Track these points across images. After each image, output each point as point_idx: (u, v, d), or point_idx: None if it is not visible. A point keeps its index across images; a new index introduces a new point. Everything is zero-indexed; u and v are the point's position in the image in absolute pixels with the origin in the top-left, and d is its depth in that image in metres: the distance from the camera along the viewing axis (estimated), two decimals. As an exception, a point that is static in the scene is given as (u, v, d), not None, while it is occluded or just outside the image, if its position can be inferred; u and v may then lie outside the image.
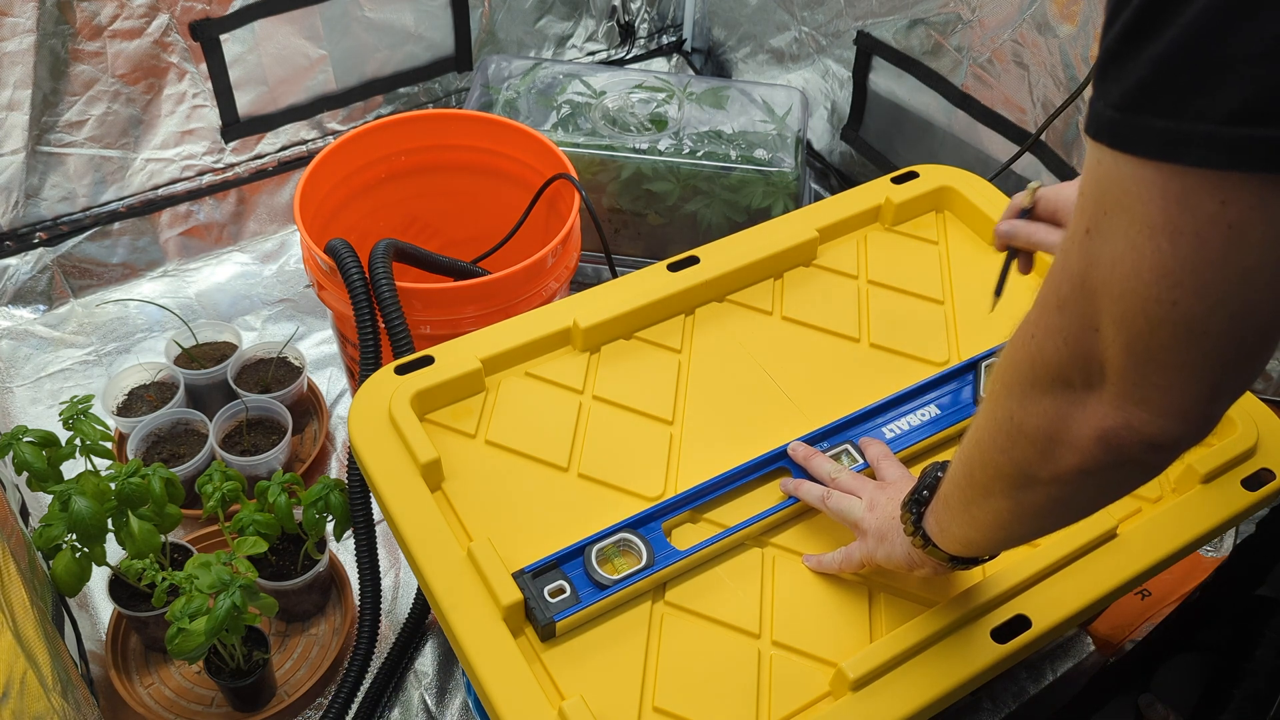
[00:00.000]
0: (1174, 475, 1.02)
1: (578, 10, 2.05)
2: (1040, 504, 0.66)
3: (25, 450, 1.15)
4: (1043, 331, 0.59)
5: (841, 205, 1.25)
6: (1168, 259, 0.49)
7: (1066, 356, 0.57)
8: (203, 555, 1.08)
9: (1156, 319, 0.51)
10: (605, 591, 0.89)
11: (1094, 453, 0.58)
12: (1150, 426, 0.55)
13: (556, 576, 0.89)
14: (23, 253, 1.66)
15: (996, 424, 0.65)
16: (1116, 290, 0.52)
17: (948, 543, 0.80)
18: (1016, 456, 0.64)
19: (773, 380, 1.09)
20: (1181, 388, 0.54)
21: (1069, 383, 0.58)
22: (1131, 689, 1.33)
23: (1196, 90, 0.46)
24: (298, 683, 1.25)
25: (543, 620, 0.86)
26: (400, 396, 0.99)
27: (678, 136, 1.65)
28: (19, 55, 1.49)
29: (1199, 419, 0.55)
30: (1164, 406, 0.54)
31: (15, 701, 0.86)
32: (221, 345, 1.55)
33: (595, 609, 0.88)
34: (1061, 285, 0.56)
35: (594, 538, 0.92)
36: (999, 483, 0.67)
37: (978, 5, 1.58)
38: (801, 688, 0.86)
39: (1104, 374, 0.56)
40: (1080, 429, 0.58)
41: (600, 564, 0.91)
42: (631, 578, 0.90)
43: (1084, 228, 0.54)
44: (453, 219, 1.61)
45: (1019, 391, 0.62)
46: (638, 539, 0.93)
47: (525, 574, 0.88)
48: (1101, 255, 0.53)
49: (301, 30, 1.70)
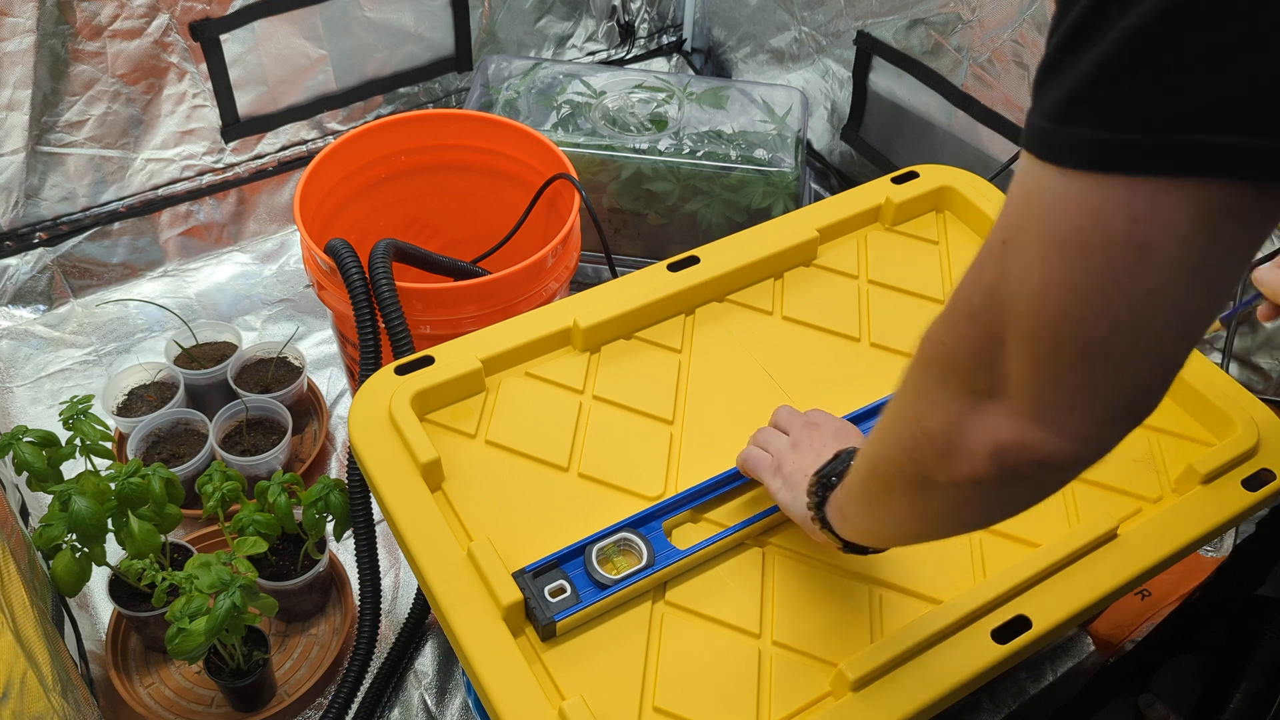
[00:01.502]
0: (1174, 475, 1.03)
1: (578, 10, 2.05)
2: (937, 507, 0.66)
3: (25, 450, 1.15)
4: (953, 338, 0.58)
5: (841, 205, 1.25)
6: (1076, 276, 0.49)
7: (973, 366, 0.57)
8: (203, 555, 1.08)
9: (1061, 336, 0.51)
10: (606, 591, 0.89)
11: (986, 465, 0.58)
12: (1044, 445, 0.55)
13: (557, 576, 0.89)
14: (23, 253, 1.66)
15: (902, 422, 0.65)
16: (1025, 305, 0.52)
17: (847, 531, 0.81)
18: (917, 457, 0.63)
19: (773, 380, 1.09)
20: (1080, 408, 0.53)
21: (974, 390, 0.57)
22: (1131, 689, 1.33)
23: (1127, 100, 0.46)
24: (298, 683, 1.25)
25: (543, 620, 0.86)
26: (400, 396, 0.99)
27: (678, 136, 1.65)
28: (19, 55, 1.49)
29: (1093, 442, 0.55)
30: (1060, 426, 0.54)
31: (15, 701, 0.86)
32: (221, 345, 1.55)
33: (596, 609, 0.88)
34: (974, 295, 0.56)
35: (594, 537, 0.92)
36: (900, 481, 0.67)
37: (978, 5, 1.58)
38: (802, 688, 0.86)
39: (1006, 387, 0.55)
40: (976, 439, 0.58)
41: (601, 564, 0.91)
42: (632, 577, 0.90)
43: (1001, 239, 0.53)
44: (453, 219, 1.61)
45: (925, 392, 0.61)
46: (638, 538, 0.93)
47: (526, 574, 0.88)
48: (1013, 268, 0.52)
49: (301, 30, 1.70)
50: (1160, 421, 1.08)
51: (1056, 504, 1.00)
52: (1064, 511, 1.00)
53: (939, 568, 0.95)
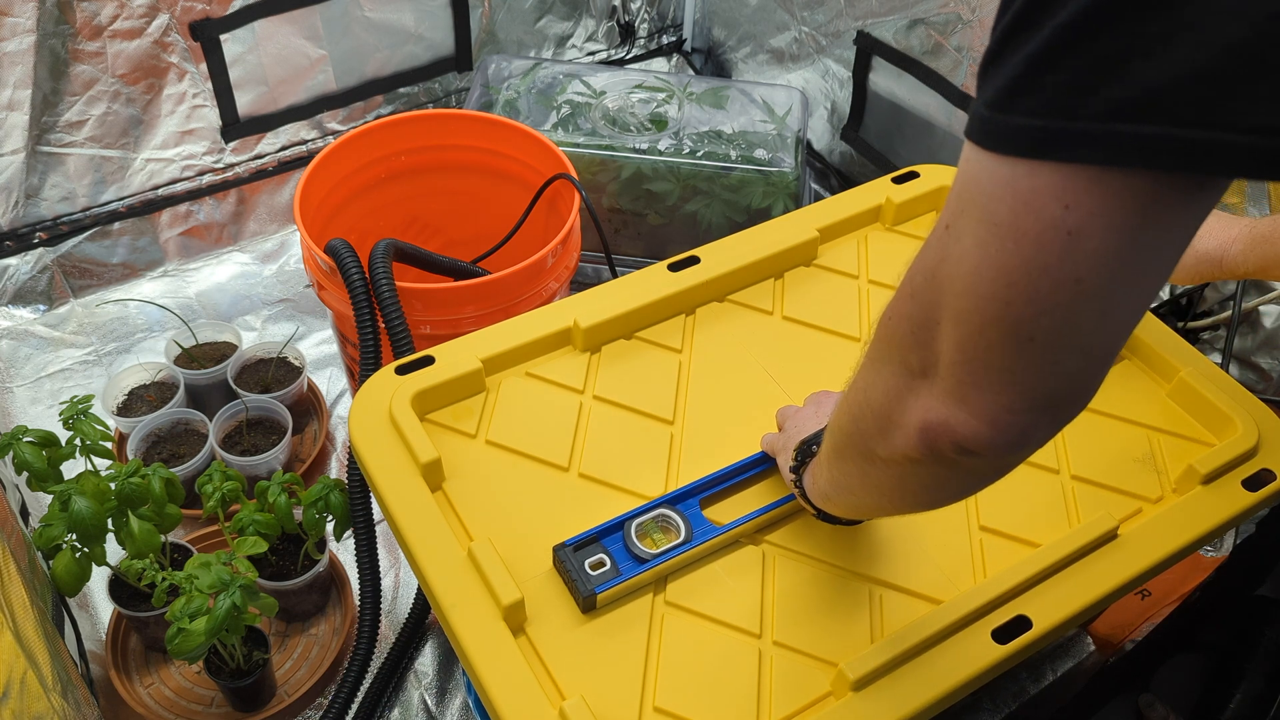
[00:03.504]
0: (1175, 475, 1.03)
1: (578, 10, 2.05)
2: (880, 481, 0.68)
3: (25, 450, 1.15)
4: (896, 316, 0.60)
5: (842, 205, 1.25)
6: (1009, 259, 0.50)
7: (911, 343, 0.58)
8: (203, 555, 1.08)
9: (988, 318, 0.52)
10: (644, 565, 0.90)
11: (914, 442, 0.59)
12: (964, 427, 0.56)
13: (596, 550, 0.91)
14: (23, 253, 1.66)
15: (854, 392, 0.67)
16: (959, 286, 0.53)
17: (815, 495, 0.84)
18: (863, 428, 0.66)
19: (773, 380, 1.09)
20: (1000, 391, 0.54)
21: (910, 368, 0.59)
22: (1131, 689, 1.33)
23: (1063, 88, 0.46)
24: (298, 683, 1.25)
25: (584, 592, 0.87)
26: (400, 396, 0.99)
27: (678, 136, 1.65)
28: (19, 55, 1.49)
29: (1013, 430, 0.55)
30: (979, 408, 0.55)
31: (15, 701, 0.86)
32: (221, 345, 1.55)
33: (634, 582, 0.90)
34: (916, 275, 0.58)
35: (633, 513, 0.94)
36: (850, 450, 0.70)
37: (978, 5, 1.58)
38: (802, 688, 0.86)
39: (936, 367, 0.57)
40: (909, 415, 0.60)
41: (639, 539, 0.92)
42: (670, 552, 0.91)
43: (945, 223, 0.55)
44: (453, 219, 1.60)
45: (874, 366, 0.63)
46: (676, 515, 0.94)
47: (566, 547, 0.90)
48: (952, 251, 0.54)
49: (301, 30, 1.70)
50: (1160, 421, 1.08)
51: (1057, 504, 1.00)
52: (1064, 511, 1.00)
53: (939, 568, 0.95)
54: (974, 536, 0.97)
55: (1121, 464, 1.03)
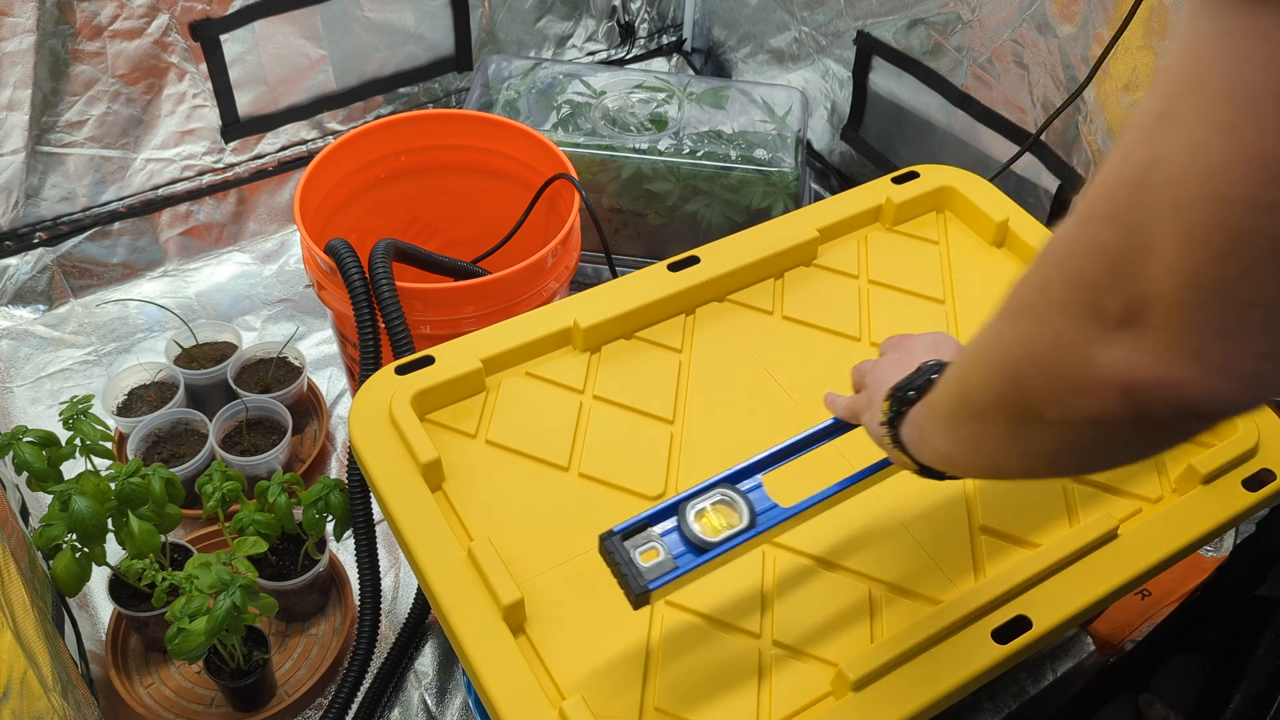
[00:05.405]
0: (1174, 475, 1.03)
1: (578, 10, 2.05)
2: (1039, 446, 0.55)
3: (25, 450, 1.15)
4: (1082, 247, 0.47)
5: (842, 205, 1.25)
6: (1273, 144, 0.37)
7: (1106, 281, 0.45)
8: (203, 555, 1.08)
9: (1242, 232, 0.39)
10: (705, 555, 0.79)
11: (1112, 404, 0.47)
12: (1193, 387, 0.43)
13: (648, 539, 0.80)
14: (23, 253, 1.66)
15: (1005, 344, 0.54)
16: (1191, 193, 0.40)
17: (924, 453, 0.72)
18: (1023, 386, 0.53)
19: (774, 379, 1.09)
20: (1251, 335, 0.41)
21: (1103, 313, 0.46)
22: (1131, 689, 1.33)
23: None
24: (298, 683, 1.25)
25: (636, 590, 0.77)
26: (400, 396, 0.99)
27: (678, 136, 1.65)
28: (19, 55, 1.49)
29: (1259, 382, 0.43)
30: (1220, 361, 0.42)
31: (15, 701, 0.86)
32: (221, 345, 1.55)
33: (693, 575, 0.79)
34: (1116, 190, 0.44)
35: (688, 495, 0.82)
36: (996, 410, 0.57)
37: (978, 5, 1.58)
38: (802, 688, 0.86)
39: (1149, 310, 0.43)
40: (1103, 372, 0.46)
41: (698, 522, 0.81)
42: (734, 539, 0.80)
43: (1156, 112, 0.42)
44: (453, 219, 1.61)
45: (1040, 312, 0.50)
46: (737, 495, 0.82)
47: (614, 536, 0.80)
48: (1175, 146, 0.40)
49: (301, 30, 1.70)
50: (1160, 421, 1.08)
51: (1057, 504, 1.00)
52: (1064, 511, 1.00)
53: (939, 568, 0.95)
54: (974, 536, 0.97)
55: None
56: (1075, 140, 1.51)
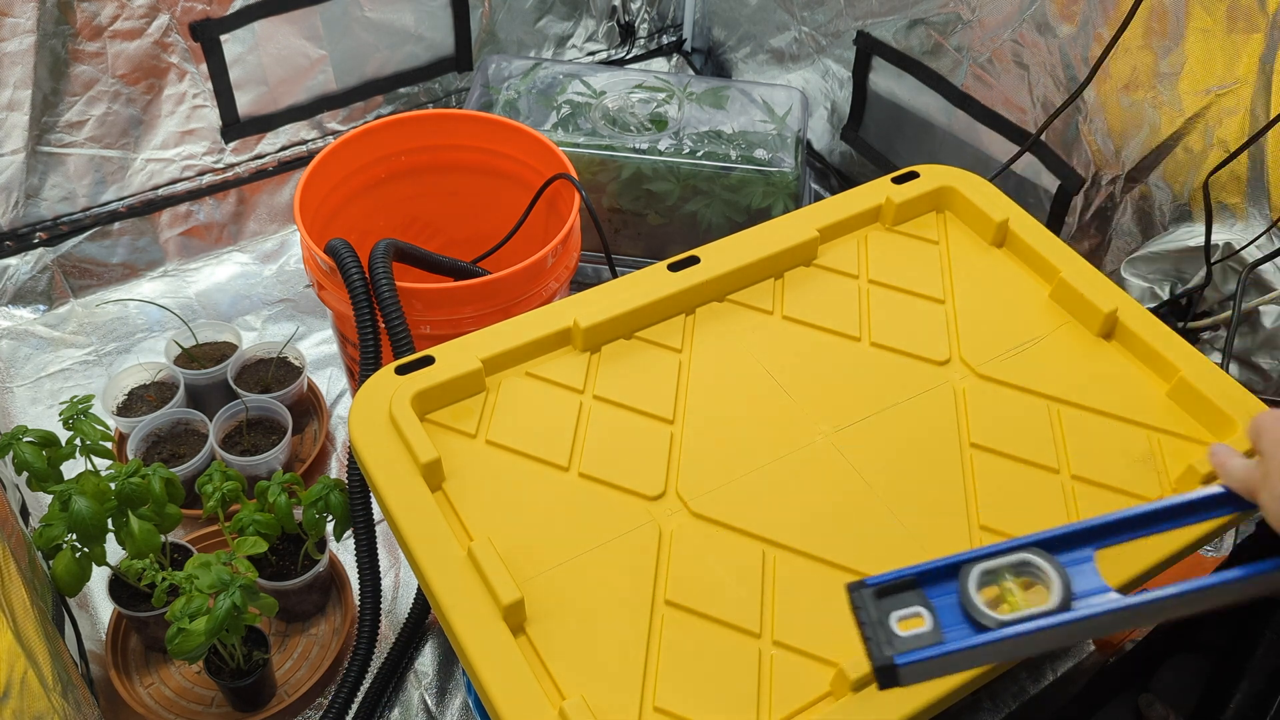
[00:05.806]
0: (1174, 475, 1.03)
1: (578, 10, 2.05)
2: None
3: (25, 450, 1.15)
4: None
5: (842, 205, 1.25)
6: None
7: None
8: (203, 555, 1.08)
9: None
10: (986, 635, 0.62)
11: None
12: None
13: (913, 600, 0.65)
14: (23, 253, 1.66)
15: None
16: None
17: None
18: None
19: (774, 379, 1.09)
20: None
21: None
22: (1131, 689, 1.33)
23: None
24: (298, 683, 1.25)
25: (879, 660, 0.61)
26: (400, 396, 0.99)
27: (678, 136, 1.65)
28: (19, 55, 1.49)
29: None
30: None
31: (16, 701, 0.86)
32: (221, 345, 1.55)
33: (964, 659, 0.62)
34: None
35: (980, 553, 0.65)
36: None
37: (978, 5, 1.58)
38: (802, 688, 0.86)
39: None
40: None
41: (984, 593, 0.64)
42: (1032, 622, 0.62)
43: None
44: (453, 219, 1.61)
45: None
46: (1048, 565, 0.65)
47: (865, 589, 0.64)
48: None
49: (301, 30, 1.71)
50: (1160, 421, 1.08)
51: (1056, 504, 1.00)
52: (1064, 512, 1.00)
53: (939, 568, 0.94)
54: (974, 537, 0.97)
55: (1121, 464, 1.03)
56: (1075, 140, 1.52)
